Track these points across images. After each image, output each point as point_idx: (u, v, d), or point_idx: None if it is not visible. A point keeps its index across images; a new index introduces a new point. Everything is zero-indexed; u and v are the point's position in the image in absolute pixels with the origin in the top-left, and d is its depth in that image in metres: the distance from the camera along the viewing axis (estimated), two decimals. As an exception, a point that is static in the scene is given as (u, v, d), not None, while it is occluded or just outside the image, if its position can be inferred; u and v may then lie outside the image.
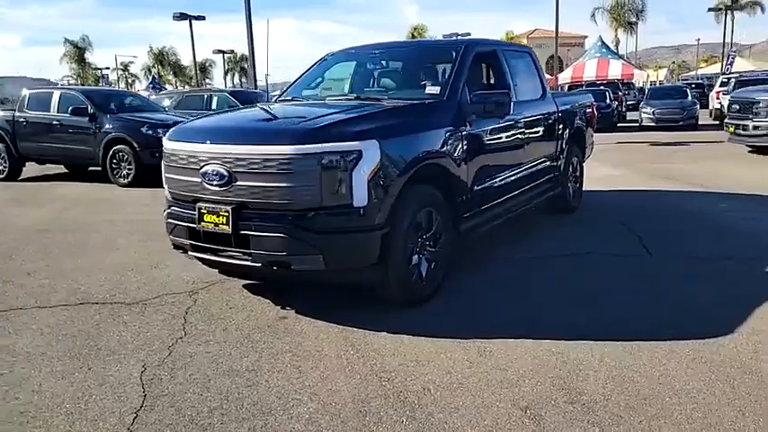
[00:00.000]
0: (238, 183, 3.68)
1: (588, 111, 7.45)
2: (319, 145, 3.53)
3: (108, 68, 62.76)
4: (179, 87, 54.67)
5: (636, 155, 13.43)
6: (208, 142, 3.84)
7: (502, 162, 5.15)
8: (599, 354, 3.29)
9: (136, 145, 10.29)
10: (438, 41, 6.56)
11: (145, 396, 2.98)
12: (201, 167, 3.82)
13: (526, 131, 5.53)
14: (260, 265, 3.73)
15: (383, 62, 5.41)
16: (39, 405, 2.93)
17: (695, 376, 3.02)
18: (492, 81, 5.41)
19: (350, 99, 4.78)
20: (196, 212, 3.87)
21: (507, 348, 3.40)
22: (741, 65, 44.17)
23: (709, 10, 43.37)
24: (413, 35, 49.80)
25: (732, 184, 8.66)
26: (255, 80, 17.84)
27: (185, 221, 3.99)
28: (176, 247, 4.22)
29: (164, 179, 4.25)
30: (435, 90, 4.59)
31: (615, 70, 33.83)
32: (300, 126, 3.81)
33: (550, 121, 6.12)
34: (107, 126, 10.60)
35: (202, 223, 3.85)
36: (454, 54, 4.89)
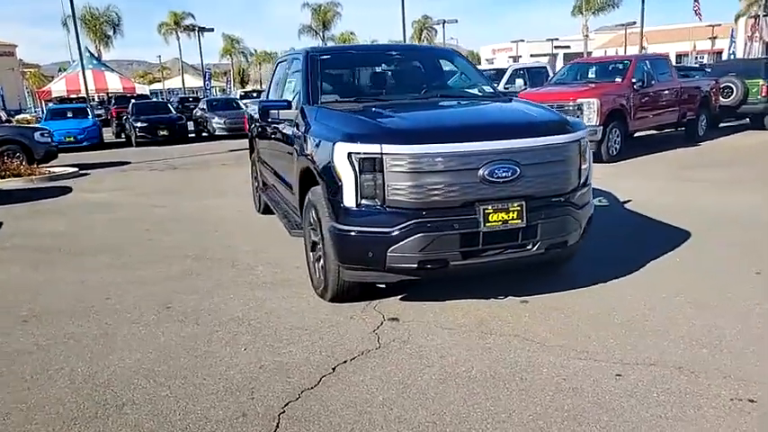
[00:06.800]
0: (526, 175, 3.80)
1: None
2: (576, 133, 4.09)
3: None
4: None
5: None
6: (494, 139, 3.72)
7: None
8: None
9: None
10: (426, 47, 6.55)
11: None
12: (481, 166, 3.69)
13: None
14: (543, 251, 3.95)
15: (405, 64, 5.52)
16: None
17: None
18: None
19: (439, 97, 4.97)
20: (479, 214, 3.70)
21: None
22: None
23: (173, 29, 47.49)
24: None
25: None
26: None
27: (455, 229, 3.69)
28: (422, 265, 3.73)
29: (397, 191, 3.66)
30: (490, 89, 5.29)
31: (114, 84, 33.40)
32: (558, 118, 4.18)
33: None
34: None
35: (488, 224, 3.73)
36: (458, 57, 5.61)
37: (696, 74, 18.72)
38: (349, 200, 3.77)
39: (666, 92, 12.21)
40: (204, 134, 21.54)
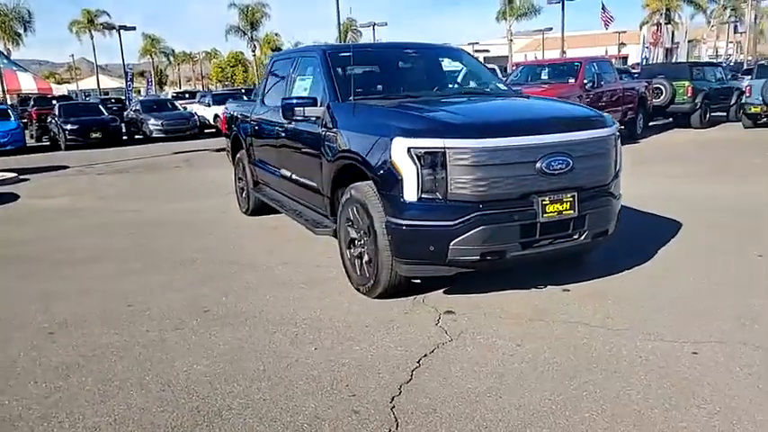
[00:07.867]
0: (577, 168, 3.94)
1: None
2: (613, 128, 4.30)
3: None
4: None
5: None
6: (551, 133, 3.83)
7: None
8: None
9: None
10: (438, 45, 6.49)
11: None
12: (539, 159, 3.79)
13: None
14: (589, 240, 4.11)
15: (421, 62, 5.52)
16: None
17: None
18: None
19: (462, 93, 5.04)
20: (537, 206, 3.80)
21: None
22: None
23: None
24: None
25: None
26: None
27: (515, 220, 3.78)
28: (484, 257, 3.77)
29: (459, 184, 3.68)
30: (503, 86, 5.42)
31: (28, 84, 31.50)
32: (596, 114, 4.34)
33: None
34: None
35: (545, 215, 3.83)
36: (467, 56, 5.72)
37: (624, 76, 19.85)
38: (410, 194, 3.77)
39: (612, 92, 12.91)
40: (138, 136, 20.62)
